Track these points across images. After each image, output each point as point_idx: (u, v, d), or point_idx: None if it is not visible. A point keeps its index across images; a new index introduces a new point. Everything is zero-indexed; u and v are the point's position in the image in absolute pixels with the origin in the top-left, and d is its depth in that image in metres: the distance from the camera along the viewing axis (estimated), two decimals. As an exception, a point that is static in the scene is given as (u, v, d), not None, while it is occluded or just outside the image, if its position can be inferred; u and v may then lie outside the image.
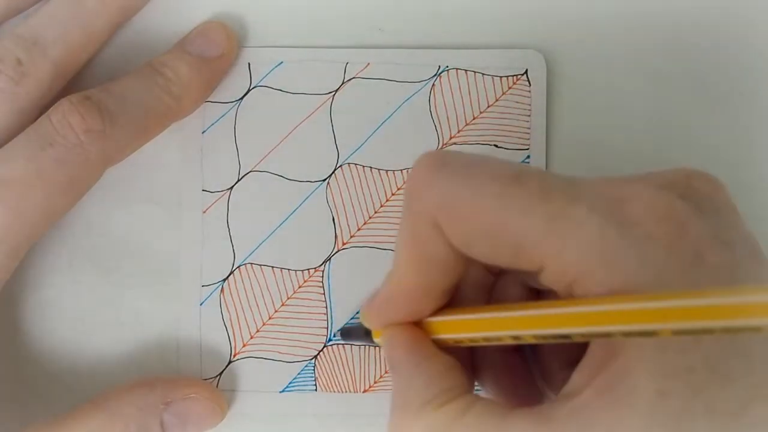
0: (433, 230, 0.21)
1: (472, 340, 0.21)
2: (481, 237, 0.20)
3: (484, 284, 0.25)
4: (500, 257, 0.20)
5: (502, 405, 0.20)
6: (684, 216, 0.19)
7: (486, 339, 0.21)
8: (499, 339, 0.21)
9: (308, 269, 0.29)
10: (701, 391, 0.18)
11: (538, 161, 0.29)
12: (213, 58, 0.28)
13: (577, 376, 0.19)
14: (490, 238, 0.20)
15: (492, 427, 0.20)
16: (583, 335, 0.19)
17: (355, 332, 0.28)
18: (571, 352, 0.23)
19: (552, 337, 0.19)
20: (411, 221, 0.21)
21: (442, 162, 0.21)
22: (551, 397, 0.24)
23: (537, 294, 0.25)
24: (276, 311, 0.29)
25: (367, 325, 0.25)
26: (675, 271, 0.18)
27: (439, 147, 0.29)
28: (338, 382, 0.29)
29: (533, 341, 0.20)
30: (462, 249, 0.21)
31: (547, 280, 0.20)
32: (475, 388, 0.25)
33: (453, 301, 0.23)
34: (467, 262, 0.21)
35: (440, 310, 0.23)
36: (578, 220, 0.19)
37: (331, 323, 0.29)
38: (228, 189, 0.29)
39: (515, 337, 0.20)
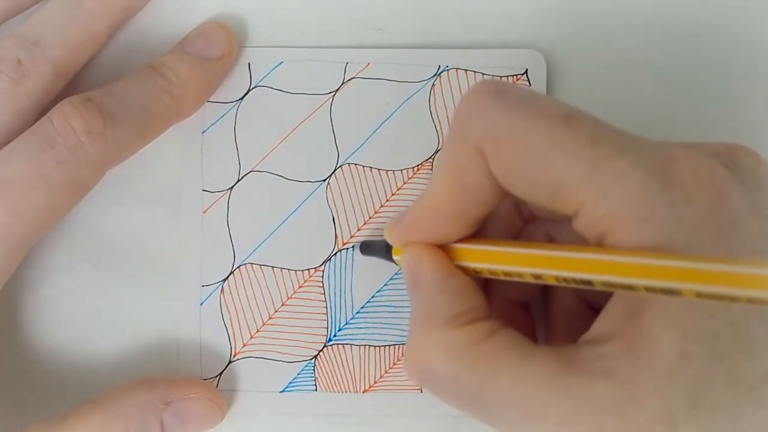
0: (476, 157, 0.20)
1: (492, 272, 0.21)
2: (523, 171, 0.20)
3: (512, 227, 0.25)
4: (538, 195, 0.20)
5: (525, 338, 0.20)
6: (726, 184, 0.19)
7: (507, 273, 0.21)
8: (520, 275, 0.21)
9: (308, 269, 0.29)
10: (724, 358, 0.18)
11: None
12: (213, 58, 0.28)
13: (601, 325, 0.20)
14: (531, 174, 0.20)
15: (516, 356, 0.20)
16: (605, 284, 0.19)
17: (375, 247, 0.28)
18: (580, 323, 0.23)
19: (574, 281, 0.19)
20: (455, 144, 0.21)
21: (496, 91, 0.20)
22: None
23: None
24: (276, 311, 0.29)
25: (390, 241, 0.24)
26: (709, 236, 0.18)
27: (439, 147, 0.29)
28: (338, 382, 0.29)
29: (554, 282, 0.20)
30: (501, 181, 0.21)
31: (581, 225, 0.20)
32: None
33: (479, 234, 0.23)
34: (503, 195, 0.21)
35: (465, 239, 0.23)
36: (622, 172, 0.19)
37: (331, 323, 0.29)
38: (228, 189, 0.29)
39: (536, 276, 0.20)
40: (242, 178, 0.29)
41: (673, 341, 0.18)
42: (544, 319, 0.26)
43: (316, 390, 0.29)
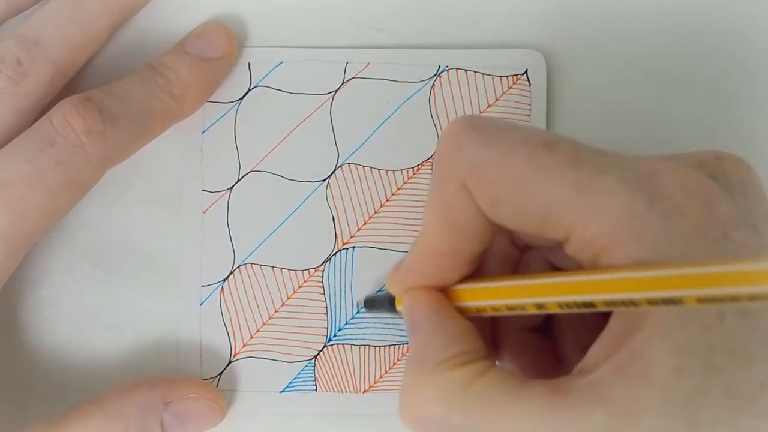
0: (463, 194, 0.20)
1: (495, 308, 0.21)
2: (509, 202, 0.20)
3: (509, 259, 0.25)
4: (528, 224, 0.20)
5: (518, 375, 0.20)
6: (713, 194, 0.19)
7: (509, 307, 0.21)
8: (522, 308, 0.21)
9: (308, 269, 0.29)
10: (719, 370, 0.18)
11: (538, 161, 0.29)
12: (213, 58, 0.28)
13: (595, 351, 0.19)
14: (518, 204, 0.20)
15: (507, 393, 0.19)
16: (607, 303, 0.19)
17: (378, 301, 0.28)
18: (587, 335, 0.23)
19: (576, 305, 0.19)
20: (440, 185, 0.21)
21: (473, 126, 0.20)
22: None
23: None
24: (276, 311, 0.29)
25: (392, 290, 0.24)
26: (701, 247, 0.18)
27: (438, 141, 0.29)
28: (338, 382, 0.29)
29: (557, 310, 0.20)
30: (490, 214, 0.20)
31: (573, 249, 0.20)
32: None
33: (478, 274, 0.23)
34: (495, 229, 0.21)
35: (465, 279, 0.23)
36: (608, 190, 0.19)
37: (331, 323, 0.29)
38: (228, 189, 0.29)
39: (539, 306, 0.20)
40: (242, 178, 0.29)
41: (668, 357, 0.18)
42: (557, 340, 0.26)
43: (316, 390, 0.29)
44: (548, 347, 0.25)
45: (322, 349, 0.29)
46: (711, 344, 0.18)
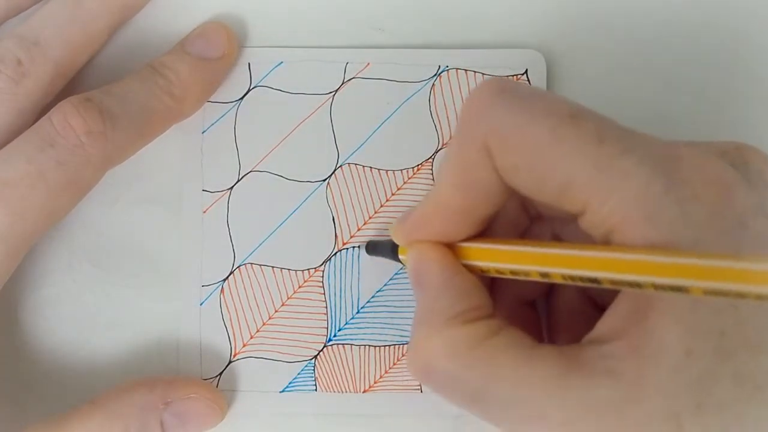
0: (483, 155, 0.20)
1: (499, 270, 0.22)
2: (529, 169, 0.20)
3: (518, 226, 0.25)
4: (544, 193, 0.20)
5: (529, 337, 0.20)
6: (732, 183, 0.19)
7: (514, 272, 0.21)
8: (527, 274, 0.21)
9: (308, 269, 0.29)
10: (730, 356, 0.18)
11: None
12: (213, 59, 0.28)
13: (606, 324, 0.20)
14: (537, 172, 0.20)
15: (519, 355, 0.20)
16: (612, 282, 0.19)
17: (381, 246, 0.28)
18: (585, 322, 0.23)
19: (581, 279, 0.19)
20: (462, 143, 0.21)
21: (501, 89, 0.20)
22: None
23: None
24: (276, 311, 0.29)
25: (396, 240, 0.24)
26: (715, 235, 0.18)
27: (439, 147, 0.29)
28: (338, 382, 0.29)
29: (561, 281, 0.20)
30: (508, 178, 0.20)
31: (587, 224, 0.20)
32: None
33: (484, 235, 0.23)
34: (510, 193, 0.21)
35: (471, 238, 0.23)
36: (628, 170, 0.19)
37: (331, 323, 0.29)
38: (228, 189, 0.29)
39: (544, 275, 0.20)
40: (242, 178, 0.29)
41: (679, 340, 0.18)
42: (549, 317, 0.26)
43: (316, 390, 0.29)
44: (538, 322, 0.25)
45: (322, 349, 0.29)
46: (723, 329, 0.18)
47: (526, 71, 0.29)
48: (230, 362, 0.29)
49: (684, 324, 0.18)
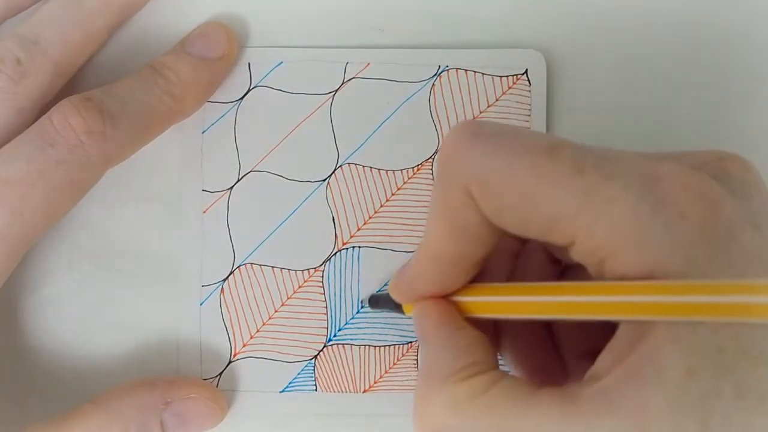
0: (466, 200, 0.20)
1: (506, 318, 0.22)
2: (514, 209, 0.20)
3: (511, 251, 0.25)
4: (532, 230, 0.20)
5: (527, 383, 0.20)
6: (717, 197, 0.19)
7: (522, 319, 0.21)
8: (534, 319, 0.21)
9: (308, 269, 0.29)
10: (730, 370, 0.18)
11: (538, 161, 0.29)
12: (214, 59, 0.28)
13: (605, 357, 0.19)
14: (522, 211, 0.20)
15: (516, 404, 0.20)
16: (617, 320, 0.19)
17: (383, 301, 0.28)
18: (588, 333, 0.23)
19: (589, 320, 0.19)
20: (443, 191, 0.21)
21: (475, 132, 0.20)
22: (574, 374, 0.24)
23: (560, 265, 0.25)
24: (276, 311, 0.29)
25: (396, 298, 0.25)
26: (706, 252, 0.18)
27: (439, 147, 0.29)
28: (338, 382, 0.29)
29: (568, 321, 0.20)
30: (494, 220, 0.20)
31: (578, 255, 0.20)
32: (499, 362, 0.25)
33: (483, 275, 0.23)
34: (499, 233, 0.21)
35: (470, 284, 0.23)
36: (612, 197, 0.19)
37: (331, 323, 0.29)
38: (228, 189, 0.29)
39: (551, 320, 0.20)
40: (242, 178, 0.29)
41: (679, 359, 0.18)
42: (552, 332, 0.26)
43: (316, 390, 0.29)
44: (547, 340, 0.25)
45: (322, 349, 0.29)
46: (721, 345, 0.18)
47: (526, 71, 0.29)
48: (230, 362, 0.29)
49: (683, 343, 0.18)
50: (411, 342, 0.29)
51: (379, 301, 0.28)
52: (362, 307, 0.29)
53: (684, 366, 0.18)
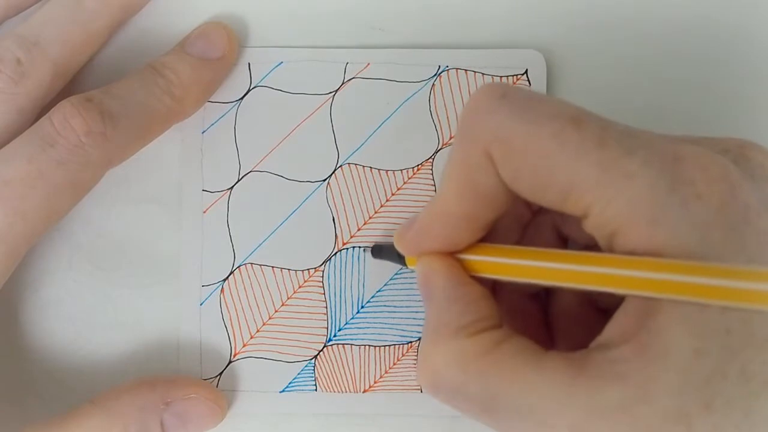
0: (485, 160, 0.20)
1: (510, 280, 0.22)
2: (532, 174, 0.20)
3: (521, 219, 0.25)
4: (548, 197, 0.20)
5: (536, 345, 0.20)
6: (736, 181, 0.19)
7: (525, 283, 0.21)
8: (538, 285, 0.21)
9: (308, 269, 0.29)
10: (736, 354, 0.18)
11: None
12: (214, 59, 0.28)
13: (613, 328, 0.19)
14: (540, 177, 0.20)
15: (526, 364, 0.20)
16: (626, 294, 0.19)
17: (387, 251, 0.28)
18: (586, 326, 0.23)
19: (594, 290, 0.19)
20: (463, 149, 0.21)
21: (502, 93, 0.20)
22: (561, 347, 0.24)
23: (566, 243, 0.25)
24: (276, 311, 0.29)
25: (400, 249, 0.24)
26: (721, 234, 0.18)
27: (439, 147, 0.29)
28: (338, 382, 0.29)
29: (572, 290, 0.20)
30: (511, 184, 0.20)
31: (590, 227, 0.20)
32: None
33: (490, 236, 0.23)
34: (513, 197, 0.21)
35: (476, 243, 0.23)
36: (631, 172, 0.19)
37: (331, 323, 0.29)
38: (228, 189, 0.29)
39: (555, 286, 0.20)
40: (242, 178, 0.29)
41: (687, 339, 0.18)
42: (548, 321, 0.26)
43: (316, 390, 0.29)
44: (541, 316, 0.25)
45: (322, 349, 0.29)
46: (729, 327, 0.18)
47: (526, 71, 0.29)
48: (230, 362, 0.29)
49: (691, 324, 0.18)
50: (411, 342, 0.29)
51: (383, 250, 0.28)
52: (365, 304, 0.29)
53: (692, 346, 0.18)
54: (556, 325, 0.25)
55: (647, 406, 0.18)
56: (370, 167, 0.29)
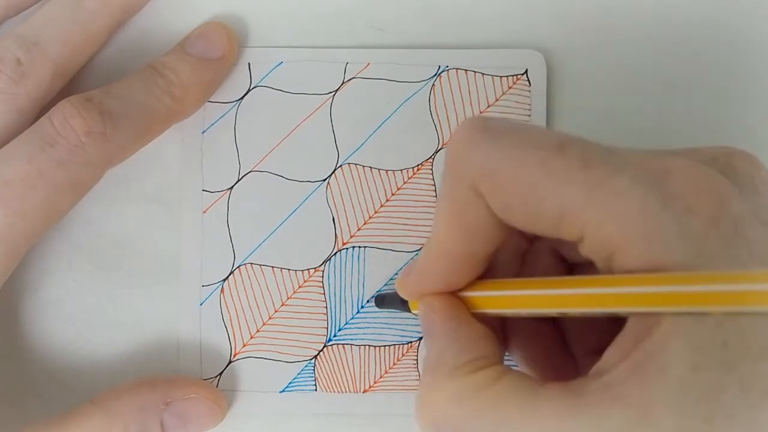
0: (474, 196, 0.20)
1: (514, 314, 0.22)
2: (522, 204, 0.20)
3: (518, 249, 0.25)
4: (541, 226, 0.20)
5: (533, 378, 0.20)
6: (725, 192, 0.19)
7: (530, 314, 0.21)
8: (544, 315, 0.21)
9: (308, 269, 0.29)
10: (734, 366, 0.18)
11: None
12: (214, 59, 0.28)
13: (611, 353, 0.19)
14: (530, 206, 0.20)
15: (522, 397, 0.20)
16: (630, 313, 0.19)
17: (389, 299, 0.28)
18: (597, 328, 0.23)
19: (599, 314, 0.19)
20: (451, 187, 0.21)
21: (484, 127, 0.20)
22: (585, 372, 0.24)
23: (567, 264, 0.25)
24: (276, 311, 0.29)
25: (403, 295, 0.24)
26: (714, 246, 0.18)
27: (439, 147, 0.29)
28: (338, 382, 0.29)
29: (577, 315, 0.20)
30: (502, 216, 0.20)
31: (587, 250, 0.20)
32: (506, 358, 0.25)
33: (490, 271, 0.23)
34: (507, 230, 0.21)
35: (477, 280, 0.23)
36: (620, 191, 0.19)
37: (331, 323, 0.29)
38: (228, 189, 0.29)
39: (561, 314, 0.20)
40: (242, 178, 0.29)
41: (684, 355, 0.18)
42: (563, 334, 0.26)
43: (316, 390, 0.29)
44: (556, 338, 0.25)
45: (322, 349, 0.29)
46: (725, 340, 0.18)
47: (526, 71, 0.29)
48: (230, 362, 0.29)
49: (688, 339, 0.18)
50: (411, 342, 0.29)
51: (385, 299, 0.28)
52: (359, 309, 0.29)
53: (689, 361, 0.18)
54: (570, 338, 0.25)
55: (648, 428, 0.18)
56: (370, 167, 0.29)
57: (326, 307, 0.29)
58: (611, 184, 0.19)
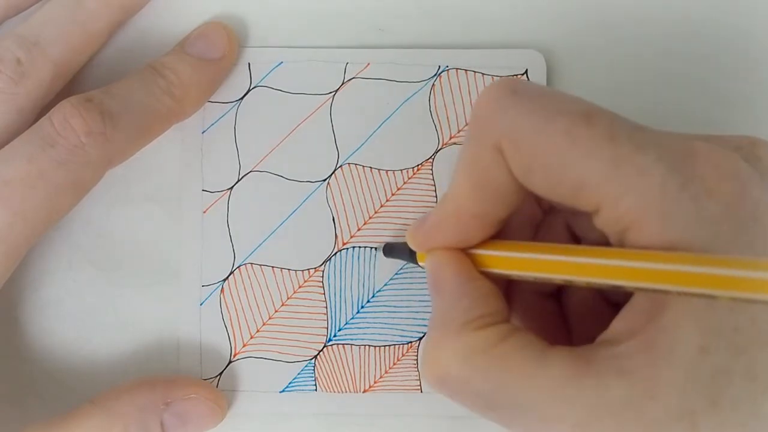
0: (496, 157, 0.20)
1: (521, 276, 0.21)
2: (543, 170, 0.20)
3: (532, 219, 0.25)
4: (559, 193, 0.20)
5: (540, 340, 0.20)
6: (746, 179, 0.19)
7: (536, 278, 0.21)
8: (550, 280, 0.21)
9: (308, 269, 0.29)
10: (743, 352, 0.18)
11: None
12: (214, 59, 0.28)
13: (620, 323, 0.19)
14: (551, 173, 0.20)
15: (530, 358, 0.20)
16: (637, 288, 0.19)
17: (398, 249, 0.28)
18: (598, 319, 0.23)
19: (605, 286, 0.19)
20: (474, 145, 0.21)
21: (513, 89, 0.20)
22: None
23: (579, 242, 0.25)
24: (276, 311, 0.29)
25: (413, 246, 0.24)
26: (730, 231, 0.18)
27: (439, 147, 0.29)
28: (338, 382, 0.29)
29: (584, 285, 0.20)
30: (522, 180, 0.20)
31: (602, 222, 0.20)
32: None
33: (501, 235, 0.23)
34: (525, 194, 0.21)
35: (487, 240, 0.23)
36: (643, 168, 0.19)
37: (331, 323, 0.29)
38: (228, 189, 0.29)
39: (567, 281, 0.20)
40: (242, 178, 0.29)
41: (694, 337, 0.18)
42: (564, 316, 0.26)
43: (316, 390, 0.29)
44: (558, 314, 0.25)
45: (322, 349, 0.29)
46: (737, 325, 0.18)
47: (526, 71, 0.29)
48: (230, 362, 0.29)
49: (699, 321, 0.18)
50: (411, 342, 0.29)
51: (394, 249, 0.28)
52: (365, 304, 0.29)
53: (698, 344, 0.18)
54: (571, 320, 0.25)
55: (652, 404, 0.18)
56: (370, 167, 0.29)
57: (326, 307, 0.29)
58: (635, 160, 0.19)
